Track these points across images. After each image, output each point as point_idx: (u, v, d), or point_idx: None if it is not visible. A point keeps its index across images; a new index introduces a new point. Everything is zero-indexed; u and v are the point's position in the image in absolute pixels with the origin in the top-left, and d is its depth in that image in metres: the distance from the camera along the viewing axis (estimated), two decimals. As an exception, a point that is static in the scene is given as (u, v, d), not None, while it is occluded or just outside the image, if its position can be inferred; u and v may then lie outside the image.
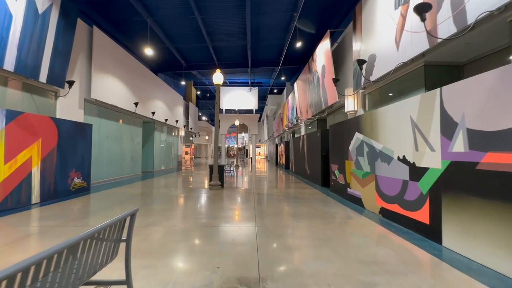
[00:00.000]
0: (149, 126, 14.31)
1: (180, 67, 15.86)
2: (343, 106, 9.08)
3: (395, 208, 4.03)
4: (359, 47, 6.93)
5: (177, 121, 16.02)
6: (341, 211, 4.84)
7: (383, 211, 4.39)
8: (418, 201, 3.50)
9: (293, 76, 19.64)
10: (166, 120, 13.48)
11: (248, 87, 22.64)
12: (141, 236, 3.36)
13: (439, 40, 3.96)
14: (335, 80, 6.96)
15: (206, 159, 36.98)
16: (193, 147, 27.07)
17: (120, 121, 11.30)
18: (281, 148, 18.58)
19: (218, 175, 7.62)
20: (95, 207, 5.11)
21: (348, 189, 5.89)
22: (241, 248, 2.97)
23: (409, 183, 3.72)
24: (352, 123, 5.74)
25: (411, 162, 3.66)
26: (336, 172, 6.72)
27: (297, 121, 14.26)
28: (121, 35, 11.99)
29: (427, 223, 3.32)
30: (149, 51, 10.47)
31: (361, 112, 7.40)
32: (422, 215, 3.41)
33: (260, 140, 40.33)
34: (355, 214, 4.62)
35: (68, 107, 7.45)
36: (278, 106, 25.65)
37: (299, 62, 15.25)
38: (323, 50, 9.24)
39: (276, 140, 29.12)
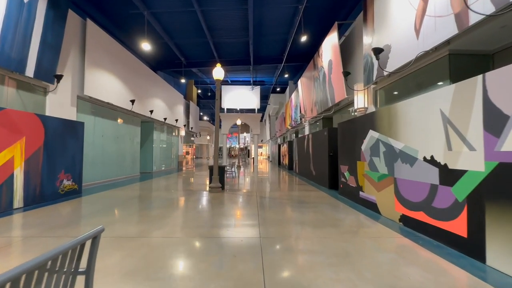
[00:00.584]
0: (148, 125, 13.86)
1: (180, 64, 15.39)
2: (351, 103, 8.56)
3: (421, 216, 3.50)
4: (370, 39, 6.40)
5: (176, 120, 15.56)
6: (354, 218, 4.32)
7: (404, 219, 3.87)
8: (452, 209, 2.97)
9: (296, 74, 19.12)
10: (165, 119, 13.03)
11: (250, 86, 22.14)
12: (126, 251, 2.86)
13: (472, 22, 3.42)
14: (346, 74, 6.44)
15: (207, 159, 36.53)
16: (194, 147, 26.65)
17: (120, 120, 10.88)
18: (284, 148, 18.07)
19: (218, 176, 7.12)
20: (81, 213, 4.63)
21: (361, 192, 5.37)
22: (243, 267, 2.47)
23: (439, 188, 3.19)
24: (365, 120, 5.22)
25: (442, 163, 3.13)
26: (346, 174, 6.19)
27: (301, 120, 13.73)
28: (117, 29, 11.54)
29: (465, 236, 2.79)
30: (146, 46, 9.99)
31: (372, 109, 6.87)
32: (458, 227, 2.89)
33: (262, 140, 39.83)
34: (370, 222, 4.09)
35: (59, 104, 6.99)
36: (280, 105, 25.15)
37: (303, 59, 14.73)
38: (330, 44, 8.72)
39: (279, 140, 28.61)
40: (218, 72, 7.14)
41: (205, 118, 40.12)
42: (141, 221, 4.06)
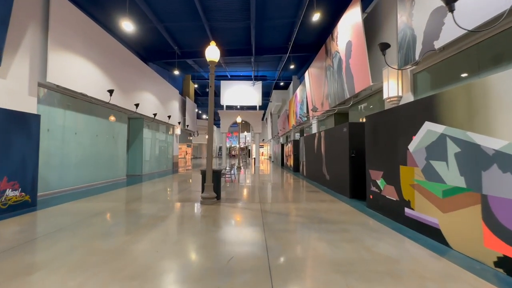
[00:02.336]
0: (136, 122, 12.38)
1: (173, 54, 13.87)
2: (375, 93, 7.06)
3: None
4: (409, 4, 4.89)
5: (169, 116, 14.05)
6: (414, 254, 2.82)
7: (507, 264, 2.37)
8: None
9: (301, 68, 17.61)
10: (154, 114, 11.52)
11: (251, 81, 20.65)
12: None
13: None
14: (384, 46, 4.89)
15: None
16: (191, 146, 25.17)
17: (112, 117, 9.44)
18: (289, 148, 16.58)
19: (212, 184, 5.63)
20: (3, 243, 3.14)
21: (407, 209, 3.87)
22: None
23: None
24: (414, 109, 3.72)
25: None
26: (380, 182, 4.69)
27: (307, 117, 12.21)
28: (97, 11, 10.00)
29: None
30: (127, 26, 8.47)
31: (409, 97, 5.36)
32: None
33: (263, 140, 38.34)
34: (444, 264, 2.60)
35: (10, 92, 5.50)
36: (283, 102, 23.64)
37: (311, 49, 13.22)
38: (350, 22, 7.21)
39: (281, 140, 27.11)
40: (212, 52, 5.65)
41: (204, 116, 38.64)
42: (81, 265, 2.57)
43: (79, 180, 7.72)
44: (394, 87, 5.59)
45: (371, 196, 5.07)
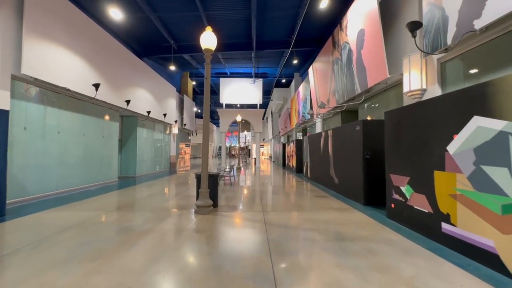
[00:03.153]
0: (130, 120, 11.65)
1: (169, 49, 13.12)
2: (390, 87, 6.34)
3: None
4: (440, -20, 4.16)
5: (165, 114, 13.30)
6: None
7: None
8: None
9: (304, 64, 16.88)
10: (148, 112, 10.78)
11: (252, 79, 19.92)
12: None
13: None
14: (415, 25, 4.11)
15: (206, 160, 34.32)
16: (190, 146, 24.44)
17: (107, 117, 8.77)
18: (291, 148, 15.85)
19: (208, 190, 4.90)
20: None
21: (446, 225, 3.15)
22: None
23: None
24: (456, 101, 2.99)
25: None
26: (406, 189, 3.97)
27: (312, 114, 11.48)
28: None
29: None
30: (115, 13, 7.75)
31: (435, 91, 4.63)
32: None
33: (264, 139, 37.61)
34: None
35: (-24, 84, 4.77)
36: (284, 100, 22.93)
37: (315, 43, 12.49)
38: (363, 7, 6.47)
39: (282, 139, 26.38)
40: (207, 39, 4.93)
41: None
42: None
43: (62, 184, 7.00)
44: (417, 79, 4.87)
45: (392, 205, 4.34)
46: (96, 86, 7.07)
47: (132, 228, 3.87)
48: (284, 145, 19.61)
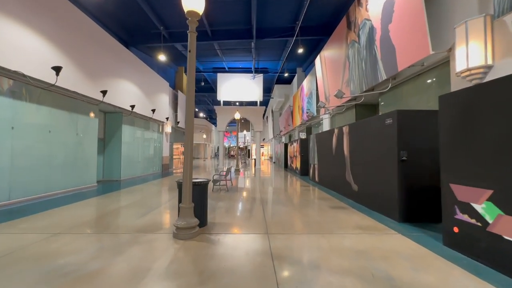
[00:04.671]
0: (114, 117, 10.30)
1: (159, 37, 11.73)
2: (425, 71, 5.02)
3: None
4: None
5: (153, 110, 11.94)
6: None
7: None
8: None
9: (308, 57, 15.56)
10: (132, 107, 9.42)
11: (251, 74, 18.60)
12: None
13: None
14: None
15: (204, 160, 32.99)
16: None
17: (91, 114, 7.49)
18: (294, 148, 14.52)
19: (193, 204, 3.56)
20: None
21: None
22: None
23: None
24: None
25: None
26: (485, 208, 2.64)
27: (323, 106, 10.14)
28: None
29: None
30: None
31: (507, 67, 3.30)
32: None
33: (264, 139, 36.29)
34: None
35: None
36: (286, 98, 21.62)
37: (322, 31, 11.18)
38: (390, -30, 5.16)
39: (283, 139, 25.05)
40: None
41: (201, 115, 36.60)
42: None
43: (17, 193, 5.65)
44: (479, 53, 3.55)
45: (455, 229, 3.01)
46: (57, 69, 5.70)
47: (74, 265, 2.53)
48: (286, 145, 18.28)
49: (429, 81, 5.06)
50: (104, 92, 7.45)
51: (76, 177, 7.56)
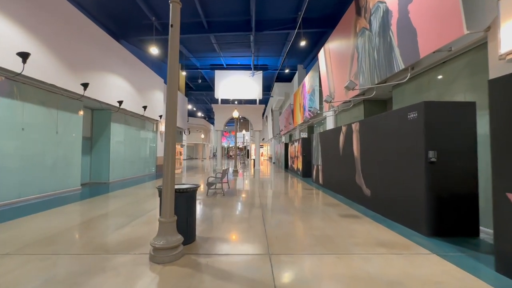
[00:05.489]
0: (102, 114, 9.57)
1: (151, 28, 10.97)
2: (455, 56, 4.31)
3: None
4: None
5: (144, 107, 11.18)
6: None
7: None
8: None
9: (310, 52, 14.85)
10: (120, 102, 8.66)
11: (250, 71, 17.87)
12: None
13: None
14: None
15: (202, 161, 32.26)
16: (183, 146, 22.32)
17: (80, 112, 6.84)
18: (295, 147, 13.82)
19: (175, 218, 2.84)
20: None
21: None
22: None
23: None
24: None
25: None
26: None
27: (331, 100, 9.42)
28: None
29: None
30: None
31: None
32: None
33: (263, 139, 35.57)
34: None
35: None
36: (286, 96, 20.90)
37: (325, 23, 10.47)
38: None
39: (283, 139, 24.34)
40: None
41: (199, 114, 35.86)
42: None
43: (-19, 198, 4.91)
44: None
45: (516, 252, 2.30)
46: (23, 56, 4.94)
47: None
48: (286, 145, 17.57)
49: (457, 69, 4.36)
50: (85, 85, 6.70)
51: (56, 180, 6.82)
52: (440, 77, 4.66)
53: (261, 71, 17.86)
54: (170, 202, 2.79)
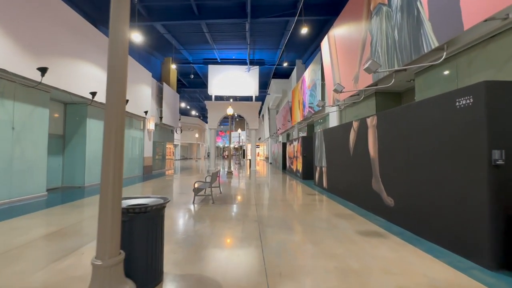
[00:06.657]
0: (77, 109, 8.42)
1: (133, 12, 9.80)
2: (500, 32, 3.29)
3: None
4: None
5: (127, 101, 10.01)
6: None
7: None
8: None
9: (310, 45, 13.85)
10: (93, 94, 7.49)
11: (246, 66, 16.84)
12: None
13: None
14: None
15: (196, 161, 31.07)
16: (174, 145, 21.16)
17: (22, 99, 5.71)
18: (294, 147, 12.78)
19: (122, 255, 1.76)
20: None
21: None
22: None
23: None
24: None
25: None
26: None
27: (341, 91, 8.43)
28: None
29: None
30: None
31: None
32: None
33: (259, 139, 34.54)
34: None
35: None
36: (284, 94, 19.89)
37: (329, 9, 9.48)
38: None
39: (280, 138, 23.33)
40: None
41: (193, 113, 34.66)
42: None
43: None
44: None
45: None
46: None
47: None
48: (284, 145, 16.55)
49: (500, 46, 3.37)
50: (42, 70, 5.52)
51: (11, 186, 5.66)
52: (487, 56, 3.66)
53: (257, 67, 16.84)
54: (111, 230, 1.72)
